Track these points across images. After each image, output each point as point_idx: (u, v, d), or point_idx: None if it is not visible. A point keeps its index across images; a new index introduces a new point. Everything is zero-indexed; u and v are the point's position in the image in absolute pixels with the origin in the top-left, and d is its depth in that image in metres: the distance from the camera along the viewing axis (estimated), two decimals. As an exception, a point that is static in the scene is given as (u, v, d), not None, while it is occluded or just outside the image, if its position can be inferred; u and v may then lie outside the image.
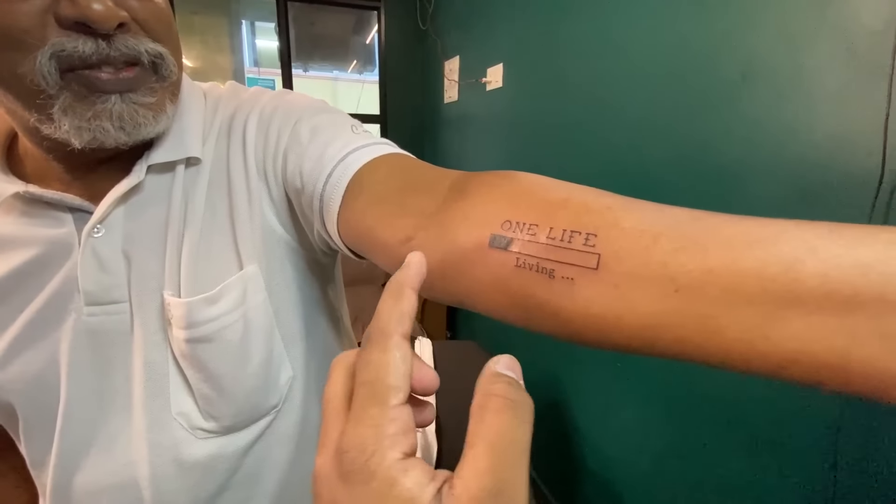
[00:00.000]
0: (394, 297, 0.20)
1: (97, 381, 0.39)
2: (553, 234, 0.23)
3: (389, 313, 0.19)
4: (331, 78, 4.25)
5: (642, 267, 0.20)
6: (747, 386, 0.82)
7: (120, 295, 0.38)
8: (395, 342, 0.18)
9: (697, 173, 0.90)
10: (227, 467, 0.41)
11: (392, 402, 0.17)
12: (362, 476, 0.16)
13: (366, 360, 0.18)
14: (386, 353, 0.18)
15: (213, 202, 0.41)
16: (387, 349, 0.18)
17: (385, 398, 0.17)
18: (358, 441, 0.16)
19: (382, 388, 0.17)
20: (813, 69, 0.68)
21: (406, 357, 0.18)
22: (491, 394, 0.17)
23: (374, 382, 0.17)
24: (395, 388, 0.17)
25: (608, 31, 1.13)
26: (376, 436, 0.16)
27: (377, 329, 0.19)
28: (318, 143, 0.37)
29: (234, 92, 0.46)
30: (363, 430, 0.16)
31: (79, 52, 0.30)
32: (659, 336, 0.20)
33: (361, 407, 0.17)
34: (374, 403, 0.17)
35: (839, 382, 0.17)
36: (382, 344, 0.18)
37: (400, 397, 0.17)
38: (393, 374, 0.17)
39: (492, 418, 0.17)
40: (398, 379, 0.17)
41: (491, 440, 0.16)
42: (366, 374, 0.18)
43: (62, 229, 0.37)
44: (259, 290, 0.41)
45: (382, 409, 0.17)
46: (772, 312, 0.17)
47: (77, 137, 0.32)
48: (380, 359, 0.18)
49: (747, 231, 0.19)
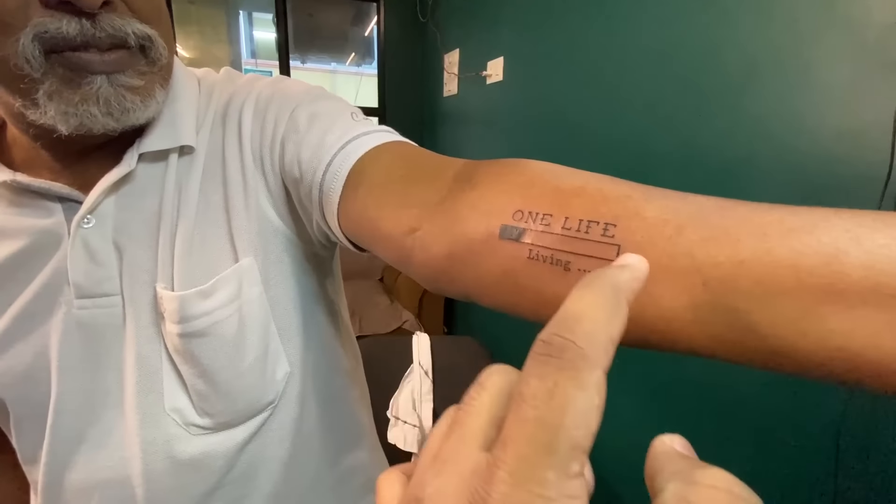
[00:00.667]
0: (608, 307, 0.13)
1: (88, 376, 0.38)
2: (569, 224, 0.22)
3: (599, 329, 0.13)
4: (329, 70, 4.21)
5: (667, 258, 0.19)
6: (747, 383, 0.82)
7: (111, 287, 0.37)
8: (597, 381, 0.12)
9: (702, 169, 0.89)
10: (221, 464, 0.40)
11: (573, 470, 0.11)
12: None
13: (548, 387, 0.12)
14: (583, 391, 0.12)
15: (208, 192, 0.39)
16: (586, 387, 0.12)
17: (566, 461, 0.11)
18: None
19: (566, 443, 0.11)
20: (821, 64, 0.67)
21: (602, 406, 0.12)
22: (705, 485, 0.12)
23: (557, 429, 0.11)
24: (582, 451, 0.11)
25: (611, 24, 1.12)
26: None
27: (575, 346, 0.12)
28: (317, 131, 0.36)
29: (228, 78, 0.44)
30: (528, 499, 0.11)
31: (62, 33, 0.29)
32: (684, 331, 0.19)
33: (528, 458, 0.11)
34: (548, 463, 0.11)
35: (886, 384, 0.15)
36: (580, 377, 0.12)
37: (583, 464, 0.12)
38: (584, 428, 0.11)
39: None
40: (588, 438, 0.12)
41: None
42: (545, 410, 0.12)
43: (51, 219, 0.36)
44: (255, 283, 0.40)
45: (559, 477, 0.11)
46: (810, 307, 0.16)
47: (63, 123, 0.31)
48: (573, 398, 0.12)
49: (781, 220, 0.18)
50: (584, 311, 0.13)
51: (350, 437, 0.52)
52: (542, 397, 0.12)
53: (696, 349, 0.19)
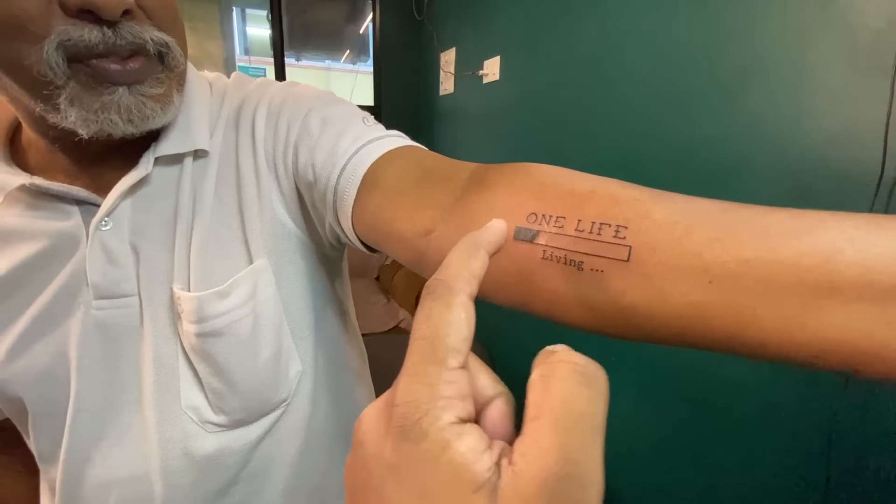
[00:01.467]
0: (466, 253, 0.19)
1: (107, 375, 0.38)
2: (581, 226, 0.23)
3: (459, 268, 0.18)
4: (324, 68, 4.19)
5: (676, 258, 0.20)
6: (741, 382, 0.84)
7: (129, 288, 0.38)
8: (461, 301, 0.17)
9: (696, 170, 0.91)
10: (236, 461, 0.41)
11: (450, 364, 0.16)
12: (412, 434, 0.15)
13: (426, 313, 0.17)
14: (449, 310, 0.17)
15: (222, 195, 0.40)
16: (450, 306, 0.17)
17: (443, 357, 0.16)
18: (411, 398, 0.15)
19: (441, 347, 0.16)
20: (814, 67, 0.68)
21: (470, 319, 0.17)
22: (556, 361, 0.16)
23: (434, 339, 0.16)
24: (455, 350, 0.16)
25: (608, 24, 1.13)
26: (431, 395, 0.15)
27: (443, 282, 0.17)
28: (330, 136, 0.37)
29: (240, 83, 0.45)
30: (417, 388, 0.15)
31: (84, 41, 0.29)
32: (692, 326, 0.20)
33: (418, 363, 0.16)
34: (431, 361, 0.16)
35: (878, 371, 0.17)
36: (447, 299, 0.17)
37: (459, 360, 0.16)
38: (454, 335, 0.16)
39: (558, 387, 0.15)
40: (459, 341, 0.16)
41: (556, 412, 0.14)
42: (425, 328, 0.16)
43: (69, 222, 0.37)
44: (269, 284, 0.41)
45: (439, 369, 0.15)
46: (810, 302, 0.17)
47: (84, 128, 0.32)
48: (441, 315, 0.16)
49: (783, 222, 0.19)
50: (450, 258, 0.19)
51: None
52: (421, 320, 0.17)
53: (704, 343, 0.21)
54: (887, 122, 0.59)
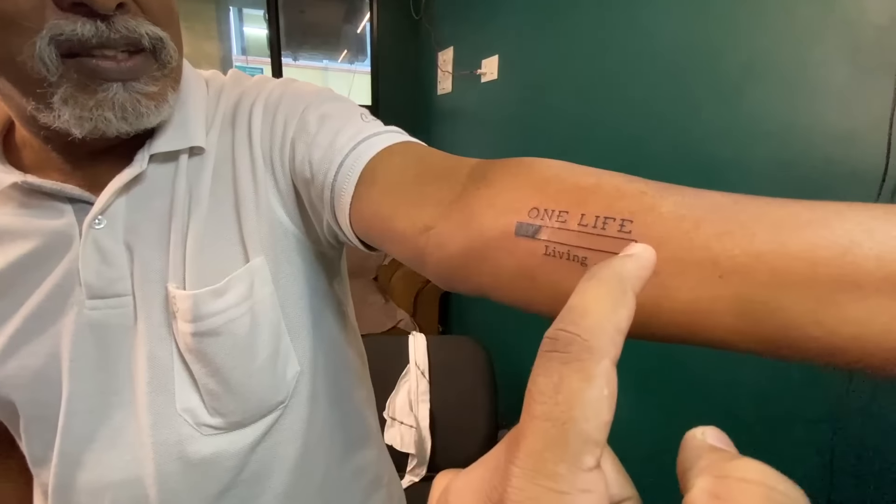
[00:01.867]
0: (613, 298, 0.13)
1: (100, 377, 0.38)
2: (585, 220, 0.22)
3: (603, 320, 0.13)
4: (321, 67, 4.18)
5: (684, 252, 0.20)
6: (743, 382, 0.84)
7: (123, 288, 0.37)
8: (605, 371, 0.12)
9: (698, 169, 0.90)
10: (233, 465, 0.40)
11: (587, 463, 0.11)
12: None
13: (554, 382, 0.12)
14: (590, 383, 0.12)
15: (218, 193, 0.39)
16: (592, 378, 0.12)
17: (578, 453, 0.11)
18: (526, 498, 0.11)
19: (577, 438, 0.11)
20: (817, 65, 0.68)
21: (613, 398, 0.12)
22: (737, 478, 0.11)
23: (566, 424, 0.11)
24: (594, 443, 0.12)
25: (607, 22, 1.13)
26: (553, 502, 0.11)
27: (580, 338, 0.12)
28: (328, 132, 0.36)
29: (237, 80, 0.44)
30: (540, 493, 0.11)
31: (78, 35, 0.29)
32: (701, 323, 0.20)
33: (539, 455, 0.11)
34: (560, 456, 0.11)
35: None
36: (588, 368, 0.12)
37: (597, 456, 0.12)
38: (594, 421, 0.12)
39: None
40: (600, 430, 0.12)
41: None
42: (553, 405, 0.12)
43: (62, 220, 0.36)
44: (266, 282, 0.40)
45: (571, 470, 0.11)
46: (825, 297, 0.17)
47: (78, 127, 0.32)
48: (580, 390, 0.12)
49: (796, 214, 0.18)
50: (589, 303, 0.13)
51: (358, 436, 0.52)
52: (548, 392, 0.12)
53: (713, 340, 0.20)
54: (891, 120, 0.59)
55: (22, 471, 0.41)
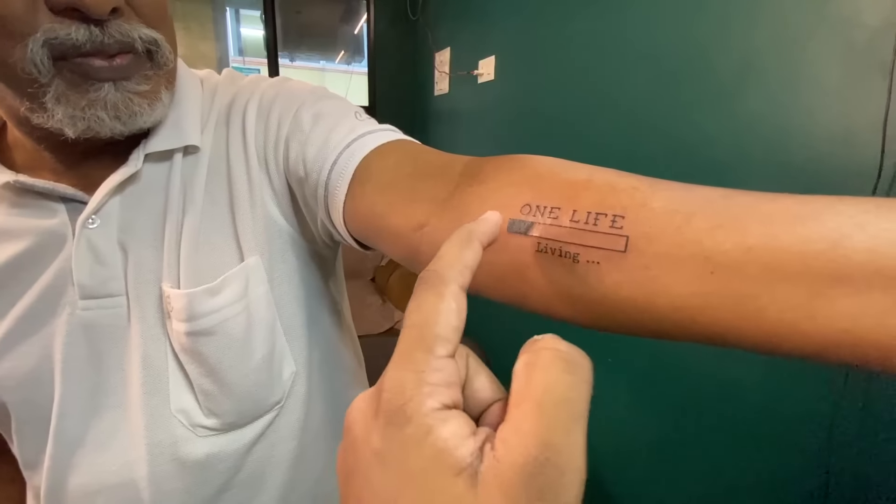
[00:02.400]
0: (461, 244, 0.19)
1: (93, 378, 0.37)
2: (577, 216, 0.22)
3: (452, 259, 0.18)
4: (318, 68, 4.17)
5: (676, 248, 0.19)
6: (742, 381, 0.84)
7: (116, 288, 0.37)
8: (452, 291, 0.17)
9: (692, 169, 0.91)
10: (228, 466, 0.40)
11: (438, 352, 0.16)
12: (398, 419, 0.15)
13: (417, 303, 0.17)
14: (440, 299, 0.17)
15: (213, 192, 0.39)
16: (441, 296, 0.17)
17: (431, 345, 0.16)
18: (397, 383, 0.16)
19: (430, 335, 0.16)
20: (811, 65, 0.68)
21: (461, 310, 0.17)
22: (540, 348, 0.16)
23: (422, 327, 0.16)
24: (444, 339, 0.16)
25: (603, 23, 1.13)
26: (416, 381, 0.15)
27: (435, 273, 0.18)
28: (322, 130, 0.36)
29: (231, 79, 0.44)
30: (404, 374, 0.16)
31: (72, 40, 0.29)
32: (694, 319, 0.19)
33: (406, 350, 0.16)
34: (418, 348, 0.16)
35: (891, 363, 0.16)
36: (438, 289, 0.17)
37: (448, 349, 0.16)
38: (443, 324, 0.16)
39: (540, 374, 0.15)
40: (448, 330, 0.16)
41: (538, 399, 0.15)
42: (415, 316, 0.17)
43: (55, 220, 0.36)
44: (261, 281, 0.40)
45: (426, 356, 0.16)
46: (817, 291, 0.17)
47: (71, 127, 0.31)
48: (433, 304, 0.17)
49: (787, 208, 0.18)
50: (444, 250, 0.19)
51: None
52: (413, 309, 0.17)
53: (706, 336, 0.20)
54: (885, 120, 0.59)
55: (14, 474, 0.41)
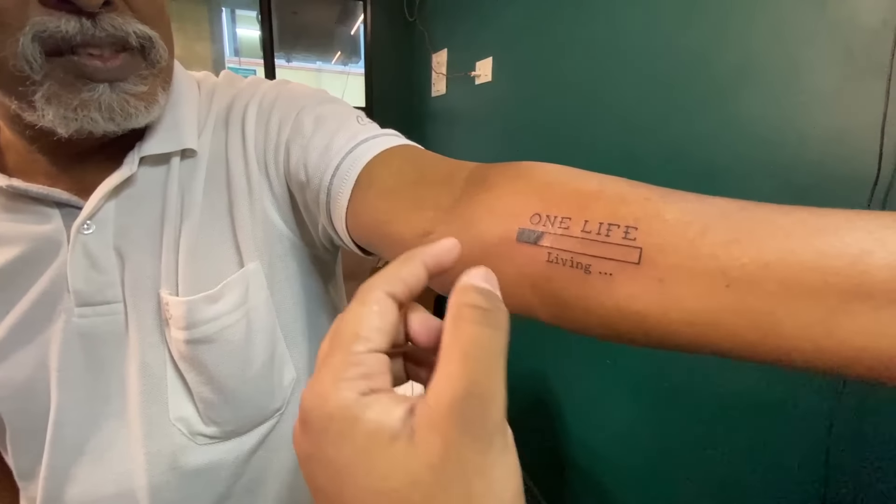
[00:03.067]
0: (398, 262, 0.19)
1: (90, 386, 0.37)
2: (588, 227, 0.22)
3: (386, 273, 0.19)
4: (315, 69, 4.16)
5: (690, 260, 0.19)
6: (738, 382, 0.84)
7: (113, 295, 0.36)
8: (375, 297, 0.18)
9: (689, 171, 0.91)
10: (229, 474, 0.39)
11: (355, 349, 0.16)
12: (321, 423, 0.15)
13: (342, 314, 0.18)
14: (362, 305, 0.17)
15: (212, 196, 0.39)
16: (364, 302, 0.17)
17: (347, 345, 0.16)
18: (318, 387, 0.16)
19: (347, 335, 0.17)
20: (809, 67, 0.68)
21: (385, 312, 0.17)
22: (463, 304, 0.17)
23: (341, 331, 0.17)
24: (362, 338, 0.17)
25: (601, 25, 1.13)
26: (332, 380, 0.16)
27: (365, 284, 0.19)
28: (323, 135, 0.35)
29: (229, 81, 0.44)
30: (323, 377, 0.16)
31: (62, 32, 0.28)
32: (707, 334, 0.19)
33: (327, 352, 0.17)
34: (336, 351, 0.16)
35: None
36: (361, 297, 0.18)
37: (367, 346, 0.16)
38: (363, 324, 0.17)
39: (465, 328, 0.16)
40: (367, 330, 0.17)
41: (464, 349, 0.16)
42: (338, 324, 0.17)
43: (49, 225, 0.35)
44: (261, 287, 0.39)
45: (344, 356, 0.16)
46: (836, 307, 0.16)
47: (63, 127, 0.31)
48: (354, 310, 0.17)
49: (804, 221, 0.18)
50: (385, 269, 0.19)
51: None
52: (338, 319, 0.18)
53: (720, 351, 0.20)
54: (883, 122, 0.59)
55: (8, 485, 0.40)
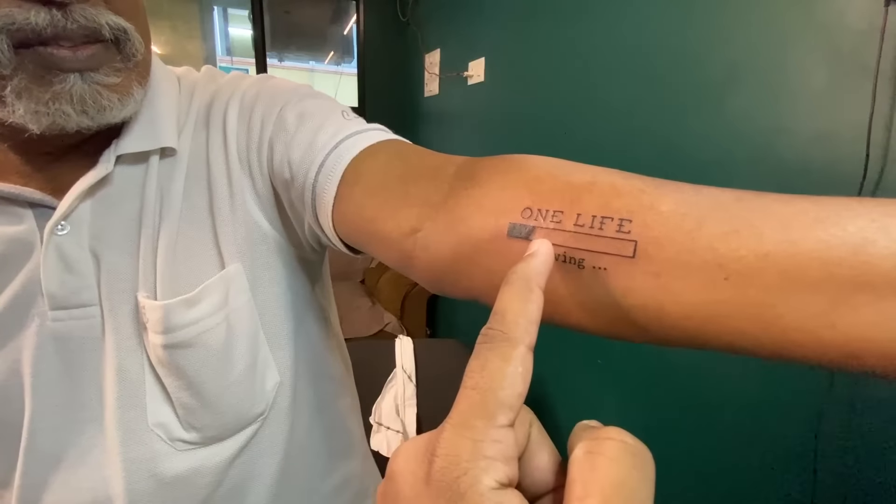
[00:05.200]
0: (522, 297, 0.17)
1: (65, 392, 0.35)
2: (581, 220, 0.21)
3: (517, 315, 0.17)
4: (307, 69, 4.14)
5: (687, 253, 0.19)
6: (730, 381, 0.84)
7: (89, 297, 0.35)
8: (519, 353, 0.16)
9: (680, 172, 0.91)
10: (209, 481, 0.38)
11: (499, 421, 0.15)
12: (449, 493, 0.14)
13: (481, 363, 0.16)
14: (507, 363, 0.16)
15: (192, 196, 0.38)
16: (509, 359, 0.16)
17: (493, 413, 0.15)
18: (453, 451, 0.14)
19: (493, 401, 0.15)
20: (797, 69, 0.69)
21: (527, 375, 0.16)
22: (603, 437, 0.15)
23: (486, 392, 0.15)
24: (507, 407, 0.15)
25: (592, 26, 1.13)
26: (473, 452, 0.14)
27: (501, 332, 0.16)
28: (307, 130, 0.35)
29: (210, 77, 0.43)
30: (461, 442, 0.15)
31: (31, 25, 0.27)
32: (706, 328, 0.19)
33: (465, 414, 0.15)
34: (479, 415, 0.15)
35: None
36: (504, 351, 0.16)
37: (509, 417, 0.15)
38: (508, 389, 0.15)
39: (608, 467, 0.14)
40: (512, 397, 0.15)
41: (607, 493, 0.14)
42: (479, 378, 0.16)
43: (21, 226, 0.34)
44: (242, 290, 0.38)
45: (487, 425, 0.15)
46: (838, 299, 0.16)
47: (35, 122, 0.29)
48: (499, 368, 0.16)
49: (804, 210, 0.17)
50: (505, 305, 0.17)
51: (342, 446, 0.51)
52: (476, 370, 0.16)
53: (719, 345, 0.19)
54: (870, 123, 0.59)
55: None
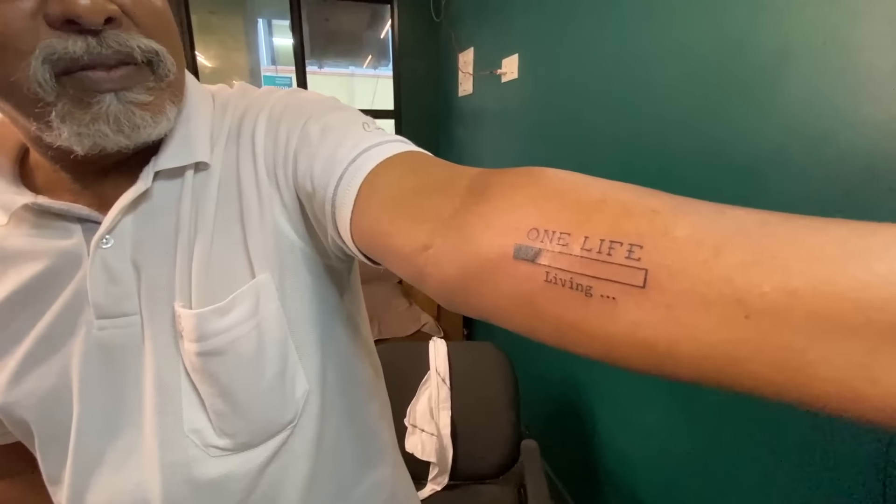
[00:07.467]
0: None
1: (109, 397, 0.38)
2: (589, 244, 0.20)
3: None
4: (347, 74, 4.24)
5: (703, 285, 0.17)
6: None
7: (130, 307, 0.37)
8: None
9: (727, 169, 0.85)
10: (242, 487, 0.40)
11: None
12: None
13: None
14: None
15: (224, 209, 0.39)
16: None
17: None
18: None
19: None
20: (862, 47, 0.62)
21: None
22: None
23: None
24: None
25: (628, 16, 1.08)
26: None
27: None
28: (329, 144, 0.35)
29: (243, 92, 0.44)
30: None
31: (70, 54, 0.29)
32: (723, 369, 0.17)
33: None
34: None
35: None
36: None
37: None
38: None
39: None
40: None
41: None
42: None
43: (71, 240, 0.37)
44: (272, 298, 0.39)
45: None
46: (880, 349, 0.14)
47: (78, 144, 0.32)
48: None
49: (841, 241, 0.15)
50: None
51: (372, 453, 0.51)
52: None
53: (741, 389, 0.17)
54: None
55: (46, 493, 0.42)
